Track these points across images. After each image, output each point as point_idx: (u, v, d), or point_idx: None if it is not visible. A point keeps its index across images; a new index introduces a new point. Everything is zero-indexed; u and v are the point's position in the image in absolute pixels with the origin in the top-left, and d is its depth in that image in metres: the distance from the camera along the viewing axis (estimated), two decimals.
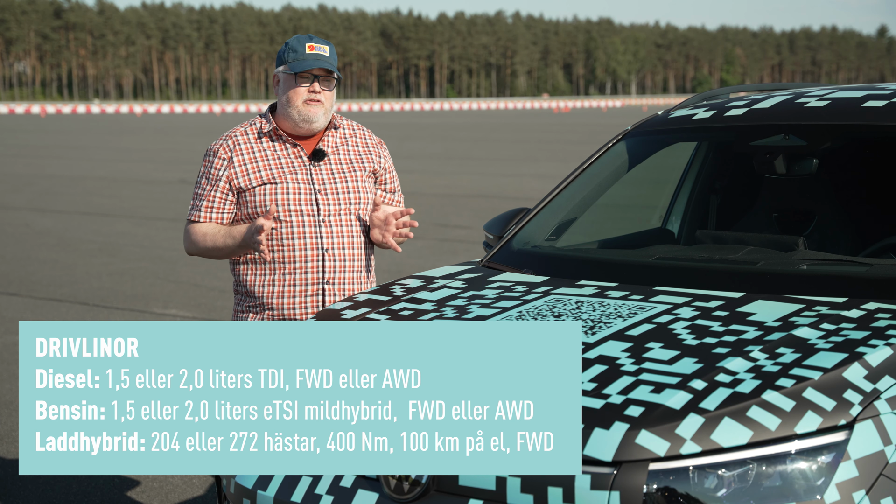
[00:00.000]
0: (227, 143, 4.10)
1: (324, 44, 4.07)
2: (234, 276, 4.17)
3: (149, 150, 35.11)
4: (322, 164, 4.08)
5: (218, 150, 4.09)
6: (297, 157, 4.08)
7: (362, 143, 4.20)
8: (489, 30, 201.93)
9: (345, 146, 4.15)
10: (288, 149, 4.09)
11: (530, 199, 17.16)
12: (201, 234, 4.08)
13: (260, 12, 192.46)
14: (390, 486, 2.81)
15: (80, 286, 10.97)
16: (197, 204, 4.12)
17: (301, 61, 4.01)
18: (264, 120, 4.13)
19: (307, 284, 4.03)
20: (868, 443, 2.63)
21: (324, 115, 4.06)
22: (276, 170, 4.05)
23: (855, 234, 4.28)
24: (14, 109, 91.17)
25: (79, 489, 5.38)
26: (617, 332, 3.08)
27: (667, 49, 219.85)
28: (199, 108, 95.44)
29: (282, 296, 4.04)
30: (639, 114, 66.42)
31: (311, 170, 4.07)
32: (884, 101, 3.94)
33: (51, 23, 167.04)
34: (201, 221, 4.09)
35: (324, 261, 4.03)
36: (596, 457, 2.61)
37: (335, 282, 4.05)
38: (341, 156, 4.13)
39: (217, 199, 4.08)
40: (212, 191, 4.08)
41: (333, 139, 4.14)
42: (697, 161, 4.86)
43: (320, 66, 4.01)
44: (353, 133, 4.21)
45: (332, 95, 4.11)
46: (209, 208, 4.09)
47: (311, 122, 4.05)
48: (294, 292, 4.04)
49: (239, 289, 4.15)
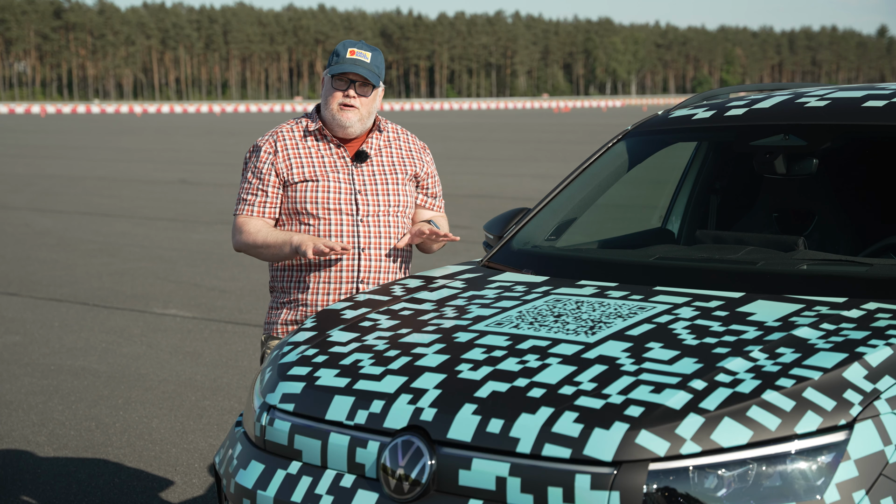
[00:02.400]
0: (272, 138, 4.14)
1: (367, 50, 4.09)
2: (270, 271, 4.22)
3: (149, 150, 35.10)
4: (364, 166, 4.12)
5: (263, 146, 4.13)
6: (339, 157, 4.12)
7: (406, 147, 4.23)
8: (489, 30, 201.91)
9: (388, 149, 4.19)
10: (332, 148, 4.12)
11: (530, 199, 17.16)
12: (255, 229, 4.09)
13: (260, 12, 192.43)
14: (390, 486, 2.81)
15: (80, 286, 10.97)
16: (246, 199, 4.14)
17: (339, 65, 4.05)
18: (310, 119, 4.17)
19: (342, 283, 4.07)
20: (868, 443, 2.63)
21: (359, 121, 4.08)
22: (319, 168, 4.09)
23: (855, 234, 4.28)
24: (14, 109, 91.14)
25: (79, 489, 5.38)
26: (617, 332, 3.08)
27: (667, 49, 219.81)
28: (199, 108, 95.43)
29: (316, 292, 4.08)
30: (639, 114, 66.41)
31: (352, 170, 4.10)
32: (884, 101, 3.94)
33: (51, 23, 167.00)
34: (254, 216, 4.12)
35: (360, 260, 4.06)
36: (596, 457, 2.61)
37: (370, 281, 4.08)
38: (384, 158, 4.16)
39: (270, 194, 4.11)
40: (260, 185, 4.11)
41: (377, 142, 4.17)
42: (697, 161, 4.86)
43: (355, 72, 4.03)
44: (398, 137, 4.24)
45: (371, 102, 4.11)
46: (262, 203, 4.11)
47: (344, 126, 4.08)
48: (328, 290, 4.07)
49: (275, 285, 4.19)
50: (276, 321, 4.17)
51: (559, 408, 2.72)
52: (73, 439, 6.15)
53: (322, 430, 2.98)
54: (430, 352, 3.10)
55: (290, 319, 4.13)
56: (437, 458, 2.77)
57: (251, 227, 4.10)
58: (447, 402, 2.85)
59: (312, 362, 3.20)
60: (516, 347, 3.04)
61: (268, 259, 4.11)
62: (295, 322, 4.13)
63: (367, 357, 3.15)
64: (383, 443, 2.86)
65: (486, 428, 2.74)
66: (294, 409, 3.08)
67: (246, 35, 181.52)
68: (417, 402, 2.88)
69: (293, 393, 3.11)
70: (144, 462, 5.75)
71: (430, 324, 3.33)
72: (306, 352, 3.29)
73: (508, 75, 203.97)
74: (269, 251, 4.06)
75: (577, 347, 2.99)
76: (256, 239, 4.08)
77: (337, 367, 3.13)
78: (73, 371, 7.65)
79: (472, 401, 2.82)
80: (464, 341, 3.13)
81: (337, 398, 3.00)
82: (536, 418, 2.71)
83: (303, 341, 3.38)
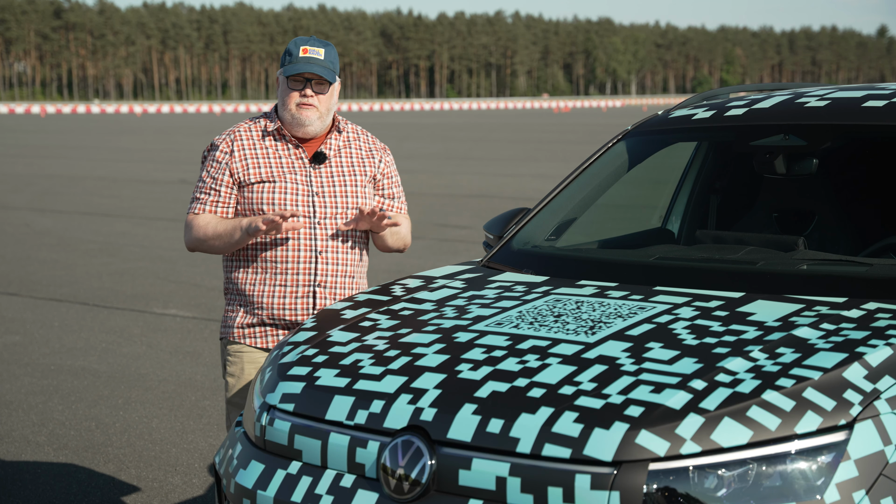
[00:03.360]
0: (229, 137, 4.08)
1: (320, 46, 4.02)
2: (225, 273, 4.16)
3: (149, 150, 35.10)
4: (322, 168, 4.06)
5: (220, 145, 4.07)
6: (297, 158, 4.06)
7: (365, 147, 4.17)
8: (489, 30, 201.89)
9: (347, 150, 4.13)
10: (290, 149, 4.07)
11: (530, 199, 17.15)
12: (204, 223, 4.04)
13: (260, 12, 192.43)
14: (390, 486, 2.81)
15: (80, 286, 10.97)
16: (199, 198, 4.08)
17: (293, 65, 3.98)
18: (269, 119, 4.11)
19: (298, 286, 4.02)
20: (868, 443, 2.63)
21: (318, 119, 4.03)
22: (276, 169, 4.03)
23: (855, 234, 4.28)
24: (14, 109, 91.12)
25: (79, 489, 5.38)
26: (617, 332, 3.08)
27: (667, 49, 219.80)
28: (199, 108, 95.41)
29: (272, 295, 4.03)
30: (639, 114, 66.41)
31: (310, 172, 4.05)
32: (884, 101, 3.93)
33: (51, 23, 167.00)
34: (205, 213, 4.06)
35: (316, 263, 4.02)
36: (596, 457, 2.61)
37: (327, 285, 4.04)
38: (343, 159, 4.11)
39: (223, 194, 4.05)
40: (213, 184, 4.06)
41: (336, 142, 4.12)
42: (697, 161, 4.86)
43: (310, 70, 3.96)
44: (357, 137, 4.18)
45: (329, 99, 4.05)
46: (214, 203, 4.06)
47: (303, 125, 4.02)
48: (285, 293, 4.02)
49: (230, 286, 4.13)
50: (232, 324, 4.10)
51: (559, 408, 2.72)
52: (73, 439, 6.15)
53: (322, 430, 2.98)
54: (430, 352, 3.10)
55: (248, 323, 4.06)
56: (437, 458, 2.77)
57: (200, 222, 4.04)
58: (447, 401, 2.85)
59: (312, 362, 3.20)
60: (516, 347, 3.04)
61: (221, 251, 4.04)
62: (252, 326, 4.06)
63: (367, 357, 3.15)
64: (383, 443, 2.86)
65: (486, 428, 2.74)
66: (294, 409, 3.08)
67: (246, 35, 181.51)
68: (417, 401, 2.88)
69: (293, 393, 3.11)
70: (144, 462, 5.75)
71: (430, 324, 3.33)
72: (306, 352, 3.29)
73: (508, 75, 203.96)
74: (220, 241, 4.00)
75: (577, 347, 2.99)
76: (207, 231, 4.02)
77: (337, 367, 3.13)
78: (73, 371, 7.65)
79: (472, 401, 2.82)
80: (464, 341, 3.13)
81: (337, 398, 3.00)
82: (536, 418, 2.71)
83: (303, 341, 3.38)
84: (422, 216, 15.93)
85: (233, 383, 4.09)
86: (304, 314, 4.04)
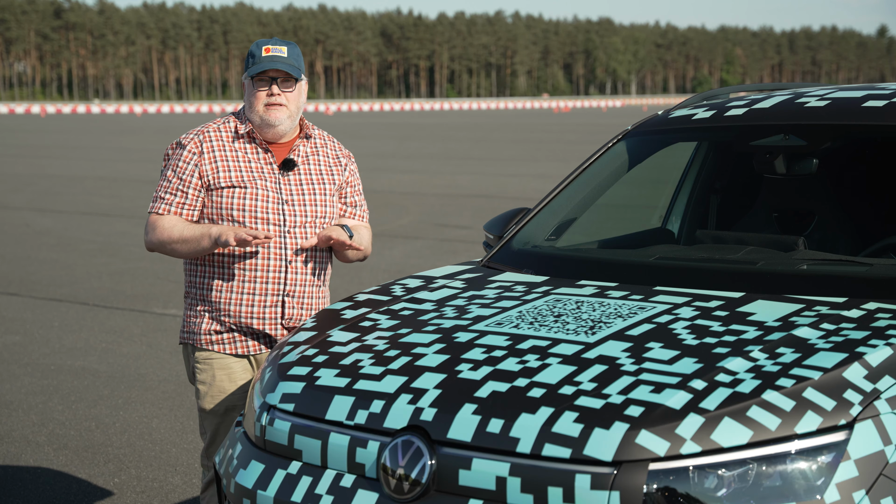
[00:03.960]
0: (197, 137, 3.98)
1: (282, 44, 3.96)
2: (187, 276, 4.06)
3: (149, 150, 35.09)
4: (291, 175, 3.99)
5: (188, 145, 3.97)
6: (266, 163, 3.98)
7: (332, 154, 4.12)
8: (489, 30, 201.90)
9: (315, 156, 4.07)
10: (259, 153, 3.98)
11: (530, 199, 17.15)
12: (169, 225, 3.92)
13: (260, 12, 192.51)
14: (390, 486, 2.81)
15: (80, 286, 10.97)
16: (164, 198, 3.96)
17: (257, 65, 3.92)
18: (238, 120, 4.03)
19: (267, 295, 3.95)
20: (868, 443, 2.63)
21: (288, 118, 3.96)
22: (247, 173, 3.94)
23: (855, 234, 4.28)
24: (14, 109, 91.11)
25: (79, 489, 5.38)
26: (617, 332, 3.08)
27: (667, 49, 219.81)
28: (199, 108, 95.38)
29: (240, 303, 3.95)
30: (639, 114, 66.41)
31: (279, 179, 3.97)
32: (884, 101, 3.94)
33: (51, 23, 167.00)
34: (170, 214, 3.95)
35: (286, 273, 3.95)
36: (596, 457, 2.61)
37: (295, 294, 3.98)
38: (311, 166, 4.04)
39: (190, 196, 3.94)
40: (181, 185, 3.94)
41: (304, 149, 4.05)
42: (697, 161, 4.86)
43: (275, 68, 3.91)
44: (325, 144, 4.12)
45: (297, 97, 3.99)
46: (181, 204, 3.94)
47: (273, 125, 3.95)
48: (253, 301, 3.95)
49: (192, 291, 4.03)
50: (197, 331, 4.00)
51: (559, 408, 2.72)
52: (73, 439, 6.15)
53: (322, 430, 2.98)
54: (431, 352, 3.10)
55: (215, 329, 3.98)
56: (437, 457, 2.77)
57: (165, 223, 3.93)
58: (447, 401, 2.85)
59: (312, 362, 3.20)
60: (516, 347, 3.04)
61: (184, 256, 3.94)
62: (219, 332, 3.98)
63: (367, 357, 3.15)
64: (383, 443, 2.86)
65: (486, 428, 2.74)
66: (294, 409, 3.08)
67: (246, 35, 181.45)
68: (417, 401, 2.88)
69: (293, 393, 3.11)
70: (144, 462, 5.75)
71: (431, 324, 3.33)
72: (306, 352, 3.29)
73: (508, 75, 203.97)
74: (185, 246, 3.90)
75: (577, 347, 3.00)
76: (172, 234, 3.91)
77: (337, 367, 3.13)
78: (73, 371, 7.65)
79: (472, 401, 2.82)
80: (464, 341, 3.13)
81: (337, 398, 3.01)
82: (536, 418, 2.71)
83: (303, 341, 3.38)
84: (422, 216, 15.93)
85: (204, 391, 4.01)
86: (272, 323, 3.97)
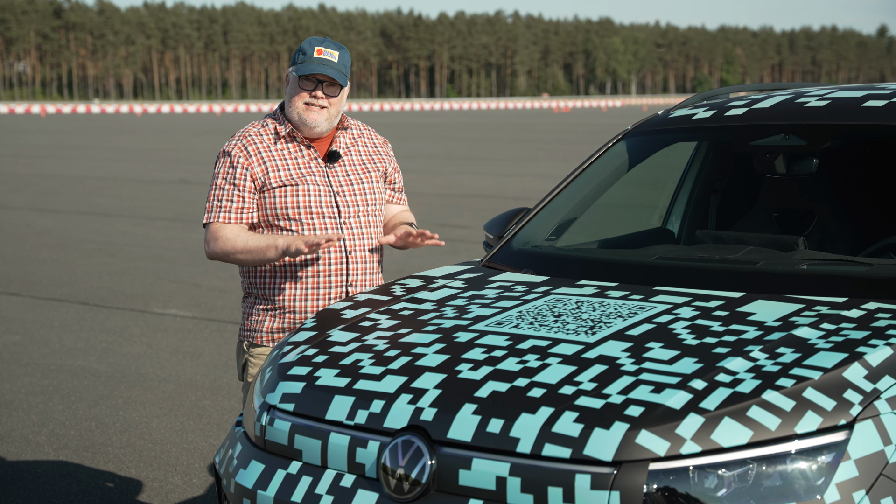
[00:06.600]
0: (241, 142, 4.01)
1: (334, 48, 3.98)
2: (246, 278, 4.07)
3: (149, 150, 35.09)
4: (337, 166, 4.04)
5: (233, 151, 4.00)
6: (312, 158, 4.02)
7: (371, 143, 4.17)
8: (489, 30, 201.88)
9: (355, 147, 4.12)
10: (302, 150, 4.02)
11: (530, 199, 17.15)
12: (232, 235, 3.94)
13: (260, 12, 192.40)
14: (390, 486, 2.81)
15: (80, 286, 10.97)
16: (222, 205, 3.97)
17: (306, 65, 3.94)
18: (276, 121, 4.06)
19: (331, 287, 3.99)
20: (868, 443, 2.63)
21: (325, 121, 3.99)
22: (295, 171, 3.98)
23: (855, 234, 4.28)
24: (14, 109, 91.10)
25: (79, 489, 5.38)
26: (617, 332, 3.08)
27: (667, 49, 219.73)
28: (199, 108, 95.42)
29: (305, 299, 3.98)
30: (639, 114, 66.41)
31: (327, 171, 4.02)
32: (884, 101, 3.94)
33: (51, 23, 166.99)
34: (231, 223, 3.97)
35: (347, 263, 3.99)
36: (596, 457, 2.61)
37: (357, 284, 4.03)
38: (353, 157, 4.09)
39: (247, 200, 3.96)
40: (236, 191, 3.96)
41: (344, 140, 4.10)
42: (697, 161, 4.87)
43: (323, 73, 3.93)
44: (362, 133, 4.17)
45: (339, 102, 4.02)
46: (239, 209, 3.96)
47: (310, 126, 3.98)
48: (318, 295, 3.98)
49: (253, 291, 4.05)
50: (259, 329, 4.04)
51: (559, 408, 2.72)
52: (73, 439, 6.15)
53: (322, 430, 2.98)
54: (431, 352, 3.10)
55: (277, 327, 4.02)
56: (437, 457, 2.77)
57: (228, 233, 3.95)
58: (447, 401, 2.85)
59: (312, 362, 3.20)
60: (516, 347, 3.04)
61: (247, 264, 3.97)
62: (283, 330, 4.02)
63: (368, 357, 3.15)
64: (383, 443, 2.86)
65: (486, 428, 2.74)
66: (294, 409, 3.08)
67: (246, 35, 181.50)
68: (417, 401, 2.88)
69: (293, 393, 3.11)
70: (144, 462, 5.75)
71: (431, 324, 3.33)
72: (306, 352, 3.29)
73: (508, 75, 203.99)
74: (249, 256, 3.91)
75: (577, 347, 3.00)
76: (236, 245, 3.93)
77: (337, 367, 3.13)
78: (73, 371, 7.65)
79: (472, 401, 2.82)
80: (464, 341, 3.13)
81: (337, 398, 3.01)
82: (536, 418, 2.71)
83: (303, 341, 3.38)
84: (422, 216, 15.93)
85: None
86: None
